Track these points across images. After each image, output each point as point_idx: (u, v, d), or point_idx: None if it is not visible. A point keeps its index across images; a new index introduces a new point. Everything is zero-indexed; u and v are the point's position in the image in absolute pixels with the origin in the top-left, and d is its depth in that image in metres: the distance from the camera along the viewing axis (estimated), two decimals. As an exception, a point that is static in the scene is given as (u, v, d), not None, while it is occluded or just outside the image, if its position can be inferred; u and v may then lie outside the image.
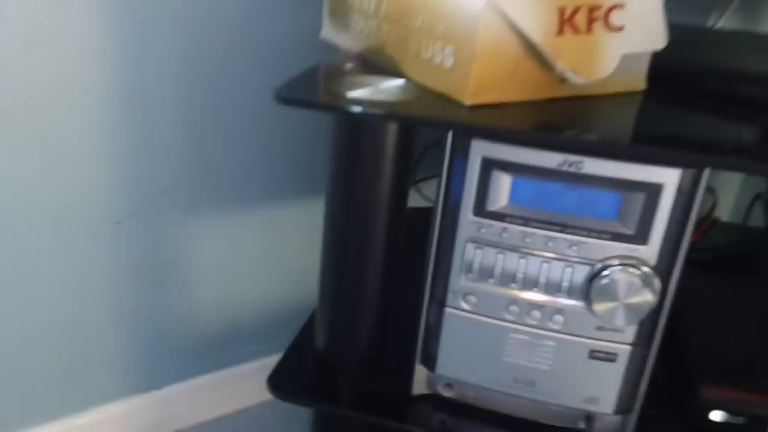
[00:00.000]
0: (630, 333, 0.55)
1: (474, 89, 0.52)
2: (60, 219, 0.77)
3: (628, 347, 0.55)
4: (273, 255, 0.95)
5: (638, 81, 0.59)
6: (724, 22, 0.90)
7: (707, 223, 0.87)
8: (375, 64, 0.64)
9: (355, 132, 0.57)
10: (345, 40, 0.69)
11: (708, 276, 0.77)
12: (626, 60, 0.55)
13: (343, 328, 0.66)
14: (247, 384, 0.99)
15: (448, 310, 0.59)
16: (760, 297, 0.75)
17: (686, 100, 0.60)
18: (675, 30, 0.56)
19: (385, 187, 0.59)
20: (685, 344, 0.66)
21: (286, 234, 0.94)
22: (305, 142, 0.89)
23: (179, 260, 0.89)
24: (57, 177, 0.75)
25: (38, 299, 0.79)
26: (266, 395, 0.67)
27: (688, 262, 0.52)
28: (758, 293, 0.75)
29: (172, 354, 0.93)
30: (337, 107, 0.53)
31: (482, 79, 0.52)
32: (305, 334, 0.72)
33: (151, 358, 0.91)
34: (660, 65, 0.58)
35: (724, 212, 1.11)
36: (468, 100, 0.53)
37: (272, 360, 0.70)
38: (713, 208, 0.89)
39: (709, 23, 0.92)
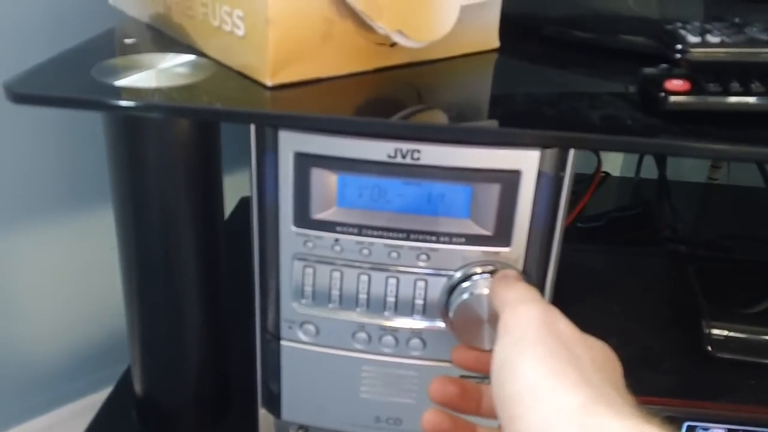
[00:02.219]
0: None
1: (274, 65, 0.41)
2: None
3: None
4: (100, 267, 0.82)
5: (489, 38, 0.49)
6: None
7: (594, 183, 0.80)
8: (166, 36, 0.51)
9: (132, 130, 0.45)
10: (131, 6, 0.56)
11: (593, 249, 0.70)
12: (469, 12, 0.45)
13: (164, 371, 0.54)
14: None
15: (284, 343, 0.48)
16: (648, 272, 0.68)
17: (548, 56, 0.51)
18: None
19: (183, 193, 0.47)
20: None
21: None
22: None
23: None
24: None
25: None
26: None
27: (577, 232, 0.43)
28: (645, 266, 0.69)
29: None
30: (87, 102, 0.40)
31: (283, 51, 0.41)
32: (127, 380, 0.60)
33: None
34: (513, 14, 0.48)
35: (614, 166, 1.05)
36: (269, 80, 0.42)
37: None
38: (599, 165, 0.82)
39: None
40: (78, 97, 0.41)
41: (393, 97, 0.44)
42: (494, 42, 0.49)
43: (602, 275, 0.68)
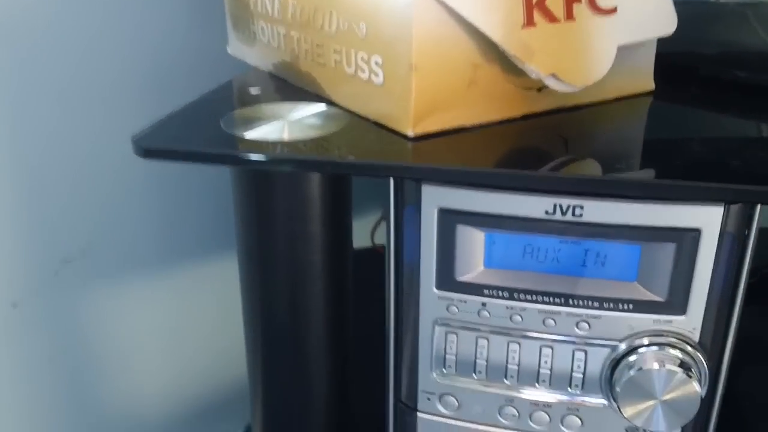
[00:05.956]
0: (673, 434, 0.41)
1: (417, 114, 0.39)
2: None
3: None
4: (209, 321, 0.82)
5: (644, 80, 0.46)
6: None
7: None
8: (291, 84, 0.50)
9: (263, 183, 0.44)
10: (253, 55, 0.55)
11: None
12: (625, 53, 0.42)
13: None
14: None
15: (420, 415, 0.45)
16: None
17: (709, 98, 0.47)
18: (679, 6, 0.43)
19: (315, 251, 0.45)
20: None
21: (224, 295, 0.81)
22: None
23: (98, 342, 0.77)
24: None
25: None
26: None
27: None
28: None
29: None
30: (218, 157, 0.39)
31: (426, 99, 0.39)
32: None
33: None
34: (669, 54, 0.45)
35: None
36: (410, 130, 0.39)
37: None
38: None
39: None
40: (210, 151, 0.40)
41: (545, 145, 0.41)
42: (649, 84, 0.46)
43: (761, 339, 0.62)
